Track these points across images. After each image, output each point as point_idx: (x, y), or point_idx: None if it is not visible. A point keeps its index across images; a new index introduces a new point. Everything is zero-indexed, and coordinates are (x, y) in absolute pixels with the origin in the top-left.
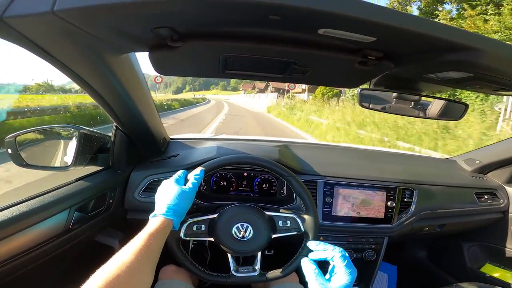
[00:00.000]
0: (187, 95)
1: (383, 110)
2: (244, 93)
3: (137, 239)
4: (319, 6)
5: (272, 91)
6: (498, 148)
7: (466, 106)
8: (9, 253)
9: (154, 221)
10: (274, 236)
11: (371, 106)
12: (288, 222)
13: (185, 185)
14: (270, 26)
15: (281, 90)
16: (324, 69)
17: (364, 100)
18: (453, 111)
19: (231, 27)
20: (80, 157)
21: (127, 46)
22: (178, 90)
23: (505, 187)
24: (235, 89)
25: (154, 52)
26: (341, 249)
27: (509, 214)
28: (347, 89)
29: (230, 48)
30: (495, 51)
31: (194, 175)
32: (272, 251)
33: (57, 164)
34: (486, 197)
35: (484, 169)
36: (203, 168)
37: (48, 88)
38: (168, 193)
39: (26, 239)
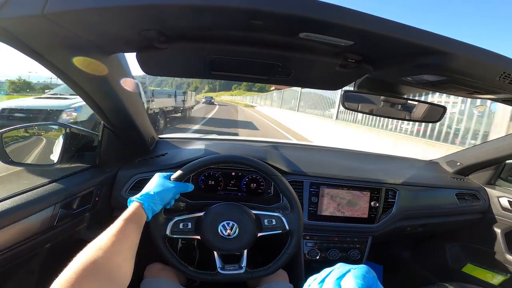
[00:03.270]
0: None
1: (370, 112)
2: (276, 93)
3: (113, 225)
4: (298, 11)
5: None
6: (479, 150)
7: (444, 108)
8: None
9: (130, 207)
10: (259, 234)
11: (357, 108)
12: (273, 220)
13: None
14: (253, 30)
15: None
16: (306, 71)
17: (348, 102)
18: (434, 113)
19: (216, 30)
20: (67, 155)
21: (115, 47)
22: (197, 91)
23: (486, 188)
24: (262, 89)
25: (141, 53)
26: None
27: (489, 215)
28: None
29: (215, 50)
30: (465, 55)
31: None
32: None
33: (43, 161)
34: (466, 198)
35: (466, 171)
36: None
37: (23, 86)
38: (150, 183)
39: (10, 235)
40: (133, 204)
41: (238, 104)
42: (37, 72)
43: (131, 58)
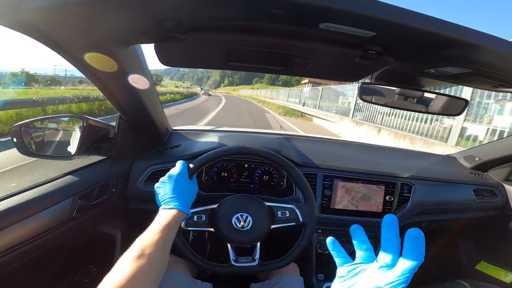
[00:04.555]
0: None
1: (385, 104)
2: (309, 87)
3: (157, 230)
4: (320, 1)
5: None
6: (498, 145)
7: (466, 102)
8: (14, 241)
9: (169, 213)
10: (273, 226)
11: (373, 100)
12: (287, 212)
13: (190, 177)
14: (273, 20)
15: None
16: (325, 63)
17: (365, 94)
18: (454, 106)
19: (235, 20)
20: (84, 147)
21: (133, 39)
22: (216, 83)
23: (504, 184)
24: (286, 83)
25: (159, 43)
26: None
27: (506, 212)
28: None
29: (233, 41)
30: (493, 47)
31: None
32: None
33: (61, 153)
34: (484, 194)
35: (484, 167)
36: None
37: (24, 79)
38: (178, 186)
39: (31, 227)
40: (173, 211)
41: (264, 105)
42: (62, 65)
43: (147, 50)
